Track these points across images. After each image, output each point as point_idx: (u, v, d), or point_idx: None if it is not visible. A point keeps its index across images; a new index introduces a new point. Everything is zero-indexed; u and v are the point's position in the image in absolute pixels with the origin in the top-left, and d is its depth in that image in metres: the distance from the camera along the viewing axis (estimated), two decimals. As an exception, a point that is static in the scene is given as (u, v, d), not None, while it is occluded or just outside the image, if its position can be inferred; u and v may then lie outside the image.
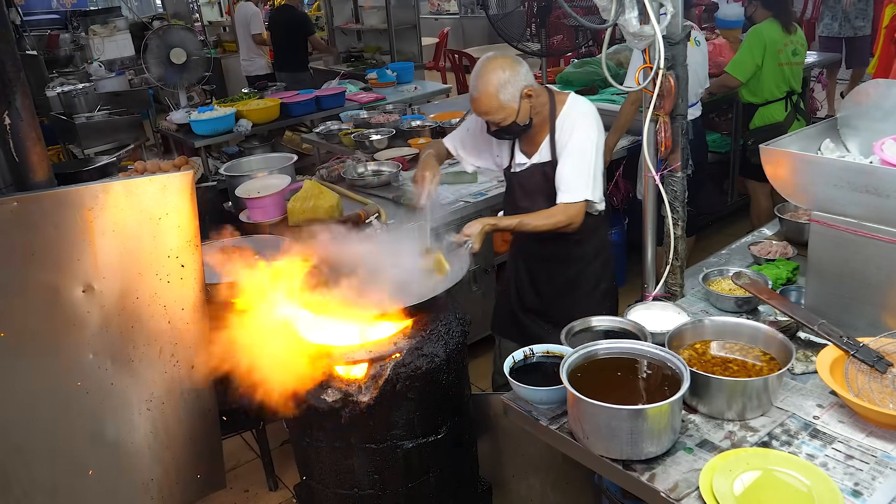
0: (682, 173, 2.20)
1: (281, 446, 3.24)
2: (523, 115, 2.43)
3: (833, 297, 1.94)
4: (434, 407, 2.20)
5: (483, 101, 2.39)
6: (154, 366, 2.27)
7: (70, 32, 9.20)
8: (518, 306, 2.86)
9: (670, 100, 2.06)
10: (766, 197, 4.62)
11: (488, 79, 2.37)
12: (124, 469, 2.31)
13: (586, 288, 2.71)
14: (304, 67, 7.47)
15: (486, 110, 2.41)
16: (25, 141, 2.21)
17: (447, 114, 5.00)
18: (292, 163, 3.68)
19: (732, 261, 2.55)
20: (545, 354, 1.98)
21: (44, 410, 2.13)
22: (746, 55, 4.36)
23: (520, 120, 2.43)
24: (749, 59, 4.34)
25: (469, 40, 12.08)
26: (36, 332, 2.07)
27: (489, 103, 2.38)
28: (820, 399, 1.78)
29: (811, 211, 1.94)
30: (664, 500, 1.53)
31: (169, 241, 2.20)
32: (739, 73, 4.37)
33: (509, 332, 2.93)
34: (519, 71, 2.39)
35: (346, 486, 2.24)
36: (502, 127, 2.45)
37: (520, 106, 2.40)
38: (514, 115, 2.40)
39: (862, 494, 1.48)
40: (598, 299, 2.71)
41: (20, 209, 1.97)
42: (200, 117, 5.01)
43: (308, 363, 2.05)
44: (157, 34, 5.46)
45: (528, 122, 2.47)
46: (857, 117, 2.24)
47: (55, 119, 5.95)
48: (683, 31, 2.04)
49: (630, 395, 1.68)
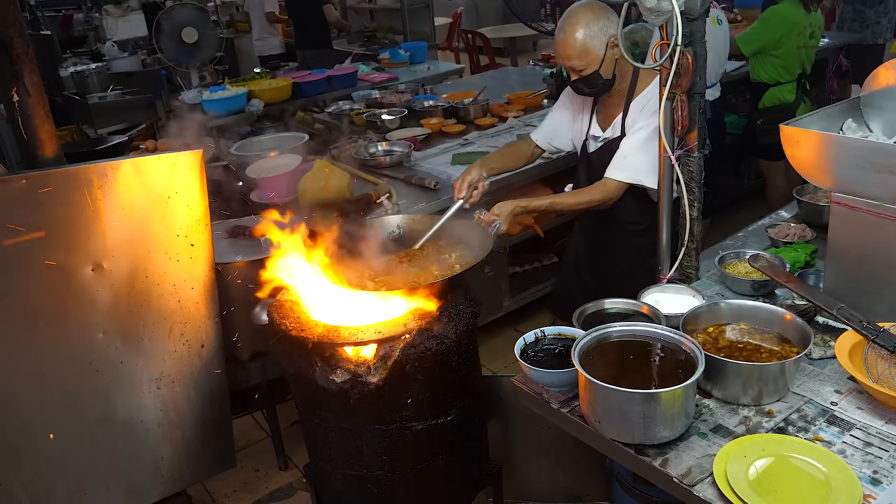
0: (699, 153, 2.15)
1: (291, 426, 3.24)
2: (607, 66, 2.35)
3: (853, 281, 1.90)
4: (444, 389, 2.18)
5: (568, 42, 2.32)
6: (164, 345, 2.27)
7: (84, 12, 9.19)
8: (578, 288, 2.82)
9: (688, 77, 2.01)
10: (781, 176, 4.58)
11: (576, 19, 2.31)
12: (134, 447, 2.32)
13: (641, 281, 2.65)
14: (328, 44, 7.32)
15: (569, 53, 2.34)
16: (34, 118, 2.20)
17: (460, 94, 4.94)
18: (304, 142, 3.65)
19: (749, 243, 2.51)
20: (557, 336, 1.95)
21: (54, 388, 2.14)
22: (759, 33, 4.33)
23: (603, 72, 2.36)
24: (760, 36, 4.31)
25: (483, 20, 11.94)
26: (46, 311, 2.07)
27: (573, 45, 2.32)
28: (838, 385, 1.74)
29: (832, 192, 1.89)
30: (677, 485, 1.50)
31: (178, 219, 2.19)
32: (745, 47, 4.34)
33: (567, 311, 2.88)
34: (609, 18, 2.32)
35: (354, 467, 2.24)
36: (583, 77, 2.37)
37: (605, 55, 2.33)
38: (598, 63, 2.33)
39: (881, 482, 1.45)
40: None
41: (29, 187, 1.96)
42: (212, 97, 4.98)
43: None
44: (169, 14, 5.43)
45: (611, 79, 2.39)
46: (881, 97, 2.17)
47: (68, 99, 5.95)
48: (702, 6, 1.98)
49: (643, 379, 1.66)
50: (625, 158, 2.37)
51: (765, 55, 4.39)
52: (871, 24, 5.88)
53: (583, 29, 2.30)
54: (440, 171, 3.60)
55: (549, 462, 2.72)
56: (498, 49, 9.97)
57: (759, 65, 4.44)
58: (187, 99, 5.26)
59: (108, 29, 7.94)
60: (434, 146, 4.07)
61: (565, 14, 2.36)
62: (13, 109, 2.18)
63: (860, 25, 5.91)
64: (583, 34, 2.30)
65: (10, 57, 2.15)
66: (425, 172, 3.61)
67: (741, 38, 4.38)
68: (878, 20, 5.86)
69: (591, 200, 2.38)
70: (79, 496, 2.26)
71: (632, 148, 2.38)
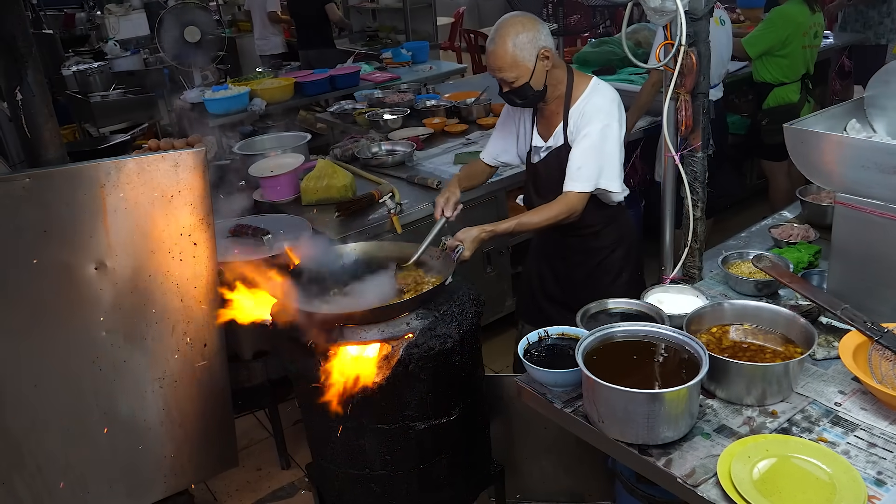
0: (703, 153, 2.15)
1: (294, 425, 3.24)
2: (538, 78, 2.35)
3: (857, 282, 1.90)
4: (447, 388, 2.18)
5: (498, 53, 2.31)
6: (167, 344, 2.27)
7: (86, 11, 9.19)
8: (541, 295, 2.82)
9: (692, 77, 2.01)
10: (784, 176, 4.58)
11: (506, 31, 2.30)
12: (137, 446, 2.32)
13: (606, 279, 2.64)
14: (331, 43, 7.31)
15: (499, 65, 2.33)
16: (37, 117, 2.20)
17: (462, 93, 4.94)
18: (306, 142, 3.65)
19: (752, 244, 2.50)
20: (560, 336, 1.95)
21: (57, 387, 2.14)
22: (765, 34, 4.31)
23: (534, 83, 2.35)
24: (766, 37, 4.29)
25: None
26: (49, 309, 2.07)
27: (504, 57, 2.31)
28: (842, 385, 1.74)
29: (836, 193, 1.89)
30: (681, 485, 1.50)
31: (181, 218, 2.19)
32: (751, 49, 4.33)
33: (534, 317, 2.89)
34: (539, 30, 2.32)
35: (357, 467, 2.23)
36: (514, 89, 2.37)
37: (535, 66, 2.32)
38: (529, 75, 2.33)
39: (885, 483, 1.44)
40: (621, 289, 2.65)
41: (32, 186, 1.96)
42: (214, 96, 4.99)
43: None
44: (171, 13, 5.43)
45: (542, 90, 2.39)
46: (885, 97, 2.17)
47: (70, 98, 5.95)
48: (706, 6, 1.98)
49: (647, 379, 1.65)
50: (579, 169, 2.36)
51: (770, 56, 4.38)
52: (873, 24, 5.85)
53: (512, 40, 2.29)
54: (442, 171, 3.60)
55: (551, 462, 2.72)
56: (500, 49, 9.94)
57: (763, 65, 4.43)
58: (189, 98, 5.26)
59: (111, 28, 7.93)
60: (436, 146, 4.07)
61: (495, 26, 2.35)
62: (17, 108, 2.19)
63: (862, 26, 5.88)
64: (512, 45, 2.29)
65: (13, 56, 2.16)
66: (428, 172, 3.60)
67: (747, 42, 4.35)
68: (880, 21, 5.83)
69: (557, 215, 2.36)
70: (81, 495, 2.26)
71: (582, 157, 2.36)
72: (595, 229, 2.57)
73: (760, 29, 4.38)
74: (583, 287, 2.64)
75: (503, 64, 2.32)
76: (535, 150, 2.58)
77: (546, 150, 2.53)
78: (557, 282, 2.76)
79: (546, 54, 2.33)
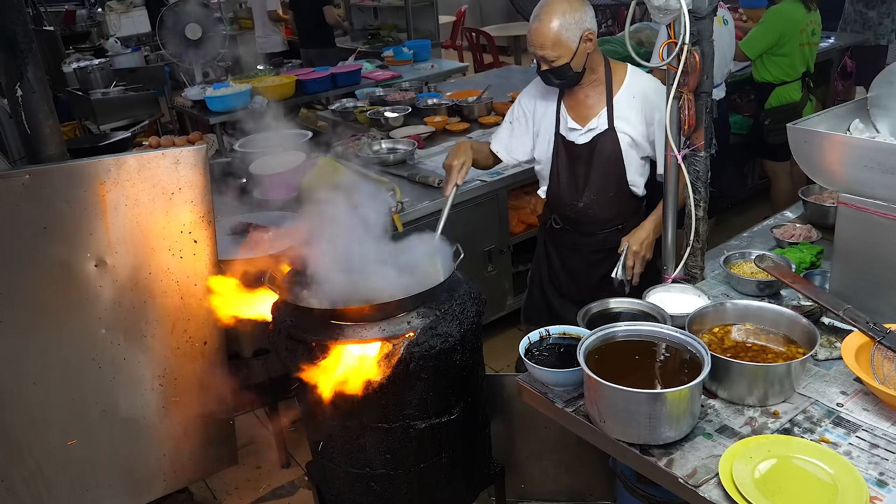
0: (706, 153, 2.14)
1: (294, 424, 3.24)
2: (578, 59, 2.33)
3: (859, 282, 1.89)
4: (447, 387, 2.18)
5: (542, 31, 2.29)
6: (166, 341, 2.27)
7: (87, 8, 9.18)
8: (554, 294, 2.80)
9: (695, 76, 2.00)
10: (786, 176, 4.58)
11: (553, 9, 2.28)
12: (136, 444, 2.32)
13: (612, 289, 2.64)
14: (332, 42, 7.29)
15: (542, 42, 2.31)
16: (37, 113, 2.20)
17: (464, 92, 4.93)
18: (307, 139, 3.65)
19: (754, 244, 2.50)
20: (561, 336, 1.94)
21: (57, 384, 2.14)
22: (762, 34, 4.34)
23: (574, 65, 2.33)
24: (763, 37, 4.32)
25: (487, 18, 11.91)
26: (49, 307, 2.06)
27: (547, 35, 2.28)
28: (844, 386, 1.73)
29: (839, 193, 1.88)
30: (682, 485, 1.50)
31: (182, 216, 2.19)
32: (749, 50, 4.35)
33: (542, 320, 2.86)
34: (585, 11, 2.30)
35: (357, 465, 2.23)
36: (553, 68, 2.35)
37: (577, 48, 2.30)
38: (570, 56, 2.31)
39: (888, 484, 1.44)
40: (638, 288, 2.63)
41: (32, 182, 1.95)
42: (215, 94, 4.98)
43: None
44: (172, 10, 5.43)
45: (581, 73, 2.37)
46: (888, 97, 2.16)
47: (71, 94, 5.94)
48: (710, 5, 1.97)
49: (648, 379, 1.65)
50: None
51: (769, 55, 4.39)
52: (873, 25, 5.83)
53: (559, 19, 2.27)
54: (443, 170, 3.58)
55: (552, 461, 2.72)
56: (502, 47, 9.96)
57: (763, 65, 4.44)
58: (190, 95, 5.26)
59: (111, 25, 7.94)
60: (438, 144, 4.07)
61: (542, 2, 2.33)
62: (17, 105, 2.18)
63: (862, 26, 5.87)
64: (558, 25, 2.27)
65: (14, 52, 2.15)
66: (429, 170, 3.60)
67: (745, 44, 4.38)
68: (880, 21, 5.82)
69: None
70: (80, 492, 2.26)
71: None
72: (621, 223, 2.58)
73: (757, 30, 4.41)
74: (599, 287, 2.60)
75: (546, 42, 2.30)
76: (570, 133, 2.54)
77: (587, 133, 2.50)
78: (571, 278, 2.73)
79: (590, 37, 2.31)
